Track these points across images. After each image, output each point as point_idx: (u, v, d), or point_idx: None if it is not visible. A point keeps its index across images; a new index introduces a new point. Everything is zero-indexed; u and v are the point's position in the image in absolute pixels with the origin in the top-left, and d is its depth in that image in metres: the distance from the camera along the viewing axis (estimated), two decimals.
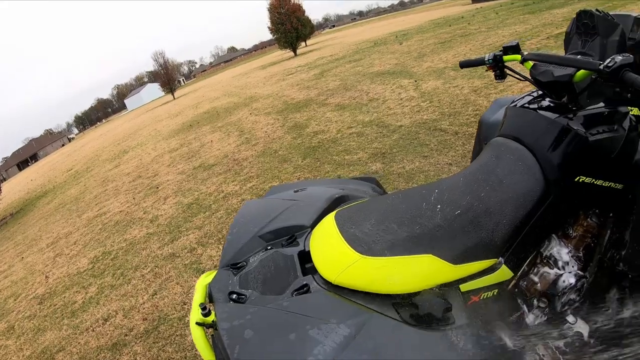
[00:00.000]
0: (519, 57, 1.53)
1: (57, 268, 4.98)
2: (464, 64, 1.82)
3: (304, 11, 33.50)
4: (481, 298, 1.22)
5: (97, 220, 6.37)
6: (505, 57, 1.60)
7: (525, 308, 1.33)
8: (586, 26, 1.43)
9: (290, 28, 31.14)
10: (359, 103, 7.37)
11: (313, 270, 1.20)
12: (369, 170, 4.29)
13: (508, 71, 1.65)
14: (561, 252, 1.35)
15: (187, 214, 4.97)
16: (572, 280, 1.30)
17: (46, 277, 4.79)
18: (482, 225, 1.21)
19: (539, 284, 1.32)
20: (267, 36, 35.13)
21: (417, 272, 1.14)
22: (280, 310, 1.03)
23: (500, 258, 1.21)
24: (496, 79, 1.70)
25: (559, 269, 1.33)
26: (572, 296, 1.32)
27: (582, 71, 1.24)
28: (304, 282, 1.15)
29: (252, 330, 0.97)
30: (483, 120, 1.97)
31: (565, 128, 1.26)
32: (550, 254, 1.36)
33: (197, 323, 1.08)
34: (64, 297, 4.00)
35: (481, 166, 1.39)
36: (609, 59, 1.12)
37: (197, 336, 1.08)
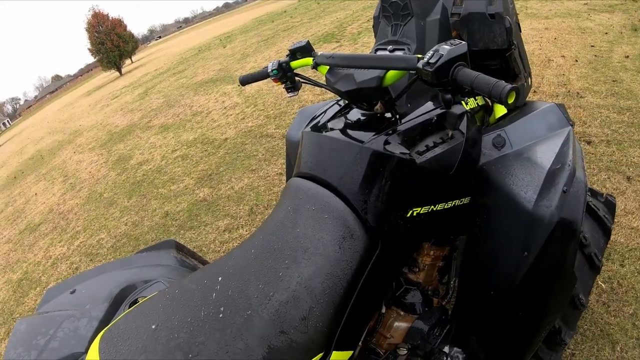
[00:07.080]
0: (310, 60, 1.20)
1: None
2: (245, 80, 1.47)
3: (125, 26, 30.83)
4: None
5: None
6: (293, 64, 1.28)
7: None
8: (395, 6, 1.15)
9: (112, 46, 28.26)
10: (182, 120, 6.76)
11: None
12: (197, 199, 3.79)
13: (302, 80, 1.32)
14: (410, 294, 1.15)
15: (18, 294, 4.12)
16: (431, 319, 1.11)
17: None
18: (286, 325, 0.84)
19: (392, 338, 1.13)
20: (92, 58, 31.52)
21: None
22: None
23: (321, 354, 0.86)
24: (288, 93, 1.36)
25: (412, 312, 1.14)
26: (437, 331, 1.11)
27: (393, 71, 0.94)
28: None
29: None
30: (289, 138, 1.59)
31: (380, 154, 0.94)
32: (398, 300, 1.15)
33: None
34: None
35: (277, 228, 1.00)
36: (431, 52, 0.82)
37: None
